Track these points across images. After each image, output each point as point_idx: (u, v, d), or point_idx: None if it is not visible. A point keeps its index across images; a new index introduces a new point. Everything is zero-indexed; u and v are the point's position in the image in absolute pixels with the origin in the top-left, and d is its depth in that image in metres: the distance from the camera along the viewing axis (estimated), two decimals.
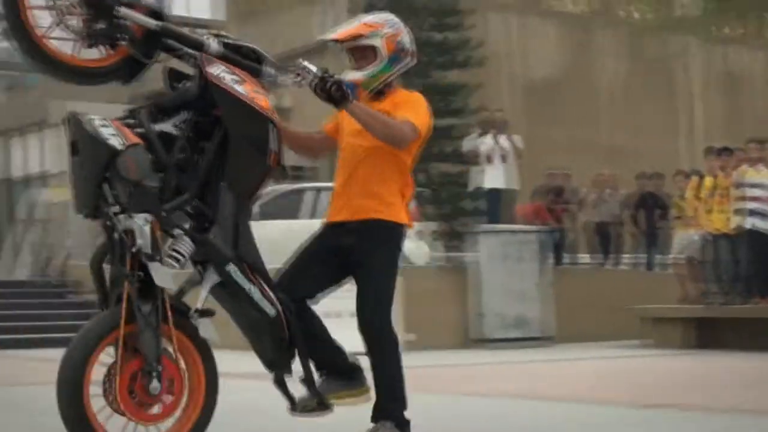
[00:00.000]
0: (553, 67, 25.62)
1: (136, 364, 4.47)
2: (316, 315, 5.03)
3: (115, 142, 4.41)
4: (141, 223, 4.40)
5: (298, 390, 4.91)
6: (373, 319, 4.90)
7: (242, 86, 4.64)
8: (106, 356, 4.44)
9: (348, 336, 5.11)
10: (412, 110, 4.87)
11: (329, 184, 6.64)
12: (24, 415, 7.16)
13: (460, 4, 18.93)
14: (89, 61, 4.71)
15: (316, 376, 4.94)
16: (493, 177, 15.95)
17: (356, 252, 4.91)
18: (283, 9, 25.69)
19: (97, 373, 4.42)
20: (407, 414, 4.95)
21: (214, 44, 4.77)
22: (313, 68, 4.68)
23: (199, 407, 4.70)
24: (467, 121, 17.75)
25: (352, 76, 4.89)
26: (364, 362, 5.01)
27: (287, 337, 4.74)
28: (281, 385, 4.87)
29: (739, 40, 30.33)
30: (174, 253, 4.57)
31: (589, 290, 15.61)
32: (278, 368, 4.85)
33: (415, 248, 14.61)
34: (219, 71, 4.64)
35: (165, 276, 4.44)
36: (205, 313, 4.63)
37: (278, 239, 11.15)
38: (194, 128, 4.73)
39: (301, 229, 11.48)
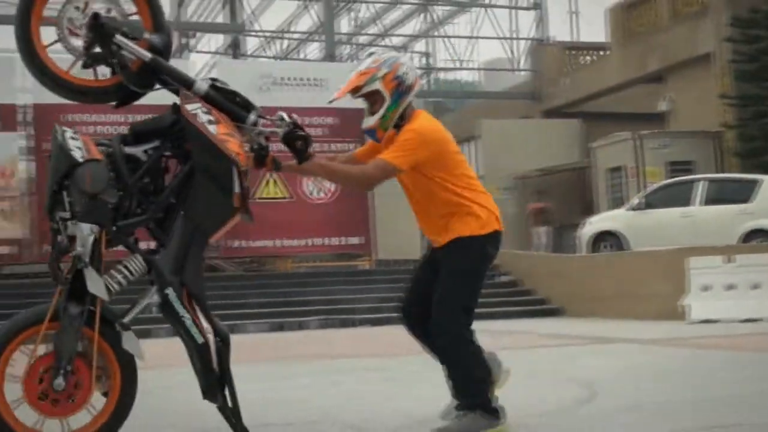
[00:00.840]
0: None
1: (51, 359, 4.72)
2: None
3: (77, 154, 4.74)
4: (86, 233, 4.70)
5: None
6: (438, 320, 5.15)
7: (215, 126, 4.87)
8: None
9: None
10: (393, 148, 5.01)
11: (718, 176, 6.95)
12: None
13: None
14: (84, 80, 5.10)
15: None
16: None
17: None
18: (662, 29, 27.37)
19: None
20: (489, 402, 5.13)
21: (202, 85, 5.04)
22: (287, 120, 4.98)
23: (107, 414, 4.87)
24: None
25: (367, 123, 5.14)
26: None
27: (215, 368, 4.87)
28: (222, 412, 4.96)
29: None
30: (123, 269, 4.85)
31: None
32: (208, 395, 4.93)
33: None
34: (195, 109, 4.90)
35: (98, 284, 4.69)
36: (127, 326, 4.82)
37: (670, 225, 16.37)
38: (164, 158, 5.02)
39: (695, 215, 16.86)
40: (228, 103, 5.07)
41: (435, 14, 35.35)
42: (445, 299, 5.08)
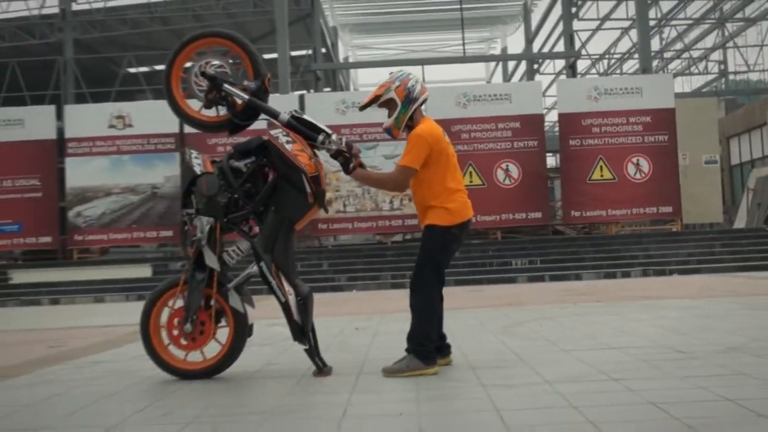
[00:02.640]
0: None
1: (182, 311, 5.23)
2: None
3: (197, 168, 5.18)
4: (204, 223, 5.12)
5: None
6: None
7: (291, 145, 5.05)
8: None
9: None
10: (404, 154, 5.06)
11: None
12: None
13: None
14: (207, 117, 5.47)
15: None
16: None
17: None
18: None
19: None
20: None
21: (284, 115, 5.20)
22: (335, 141, 5.14)
23: (228, 342, 5.22)
24: None
25: (386, 124, 5.18)
26: None
27: (296, 319, 5.05)
28: (309, 353, 5.16)
29: None
30: (236, 248, 5.28)
31: None
32: (295, 339, 5.13)
33: None
34: (277, 133, 5.10)
35: (212, 259, 5.13)
36: (237, 289, 5.20)
37: None
38: (262, 168, 5.21)
39: None
40: (302, 127, 5.19)
41: (728, 29, 32.92)
42: (417, 267, 5.09)
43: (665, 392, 4.06)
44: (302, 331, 5.09)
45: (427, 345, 5.03)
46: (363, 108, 5.28)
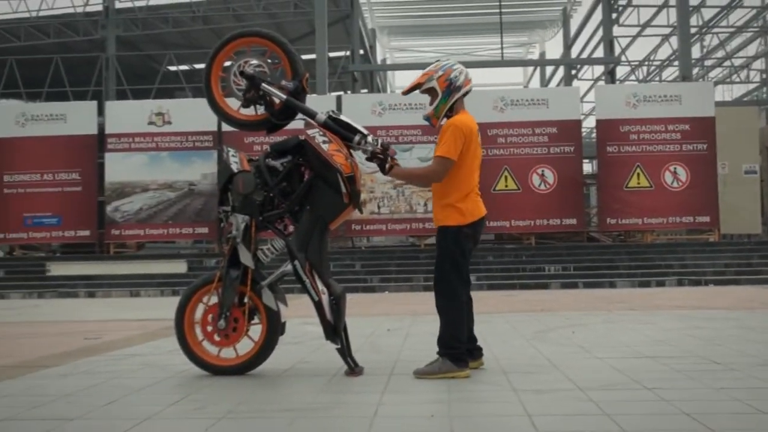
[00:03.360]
0: None
1: (216, 307, 5.25)
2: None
3: (234, 167, 5.19)
4: (239, 221, 5.13)
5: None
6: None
7: (327, 145, 5.04)
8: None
9: None
10: (440, 144, 5.01)
11: None
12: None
13: None
14: (245, 116, 5.48)
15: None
16: None
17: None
18: None
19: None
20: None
21: (321, 116, 5.19)
22: (371, 142, 5.09)
23: (261, 339, 5.23)
24: None
25: (426, 111, 5.19)
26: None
27: (328, 319, 5.05)
28: (340, 352, 5.16)
29: None
30: (271, 246, 5.28)
31: None
32: (327, 338, 5.12)
33: None
34: (314, 133, 5.10)
35: (247, 257, 5.14)
36: (271, 287, 5.20)
37: None
38: (298, 167, 5.22)
39: None
40: (338, 128, 5.16)
41: None
42: (437, 269, 5.10)
43: (700, 403, 4.00)
44: (334, 330, 5.09)
45: (457, 346, 5.00)
46: (406, 93, 5.42)
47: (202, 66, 6.48)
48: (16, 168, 20.89)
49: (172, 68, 29.17)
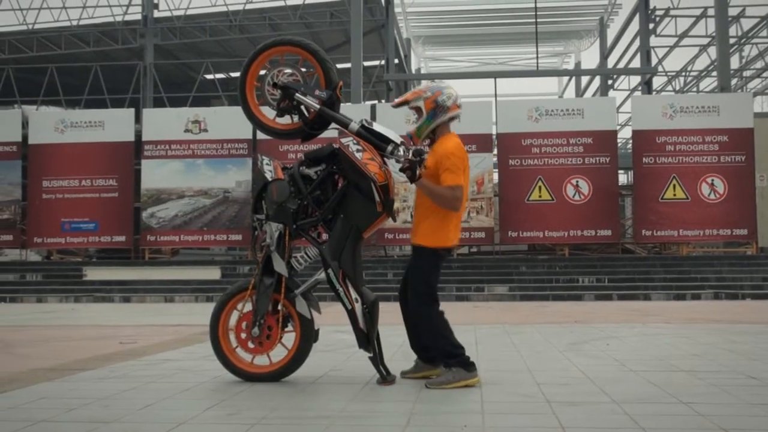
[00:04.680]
0: None
1: (250, 315, 5.25)
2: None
3: (268, 175, 5.18)
4: (273, 229, 5.13)
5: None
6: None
7: (361, 154, 5.01)
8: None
9: None
10: (448, 172, 4.98)
11: None
12: None
13: None
14: (281, 125, 5.50)
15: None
16: None
17: None
18: None
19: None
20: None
21: (354, 125, 5.18)
22: (402, 153, 4.98)
23: (294, 347, 5.26)
24: None
25: (409, 128, 5.28)
26: None
27: (361, 327, 5.05)
28: (373, 361, 5.14)
29: None
30: (305, 254, 5.26)
31: None
32: (360, 346, 5.10)
33: None
34: (348, 141, 5.08)
35: (280, 265, 5.13)
36: (304, 295, 5.21)
37: None
38: (332, 175, 5.22)
39: None
40: (371, 137, 5.13)
41: None
42: (411, 288, 5.16)
43: (736, 419, 3.95)
44: (367, 338, 5.10)
45: (460, 351, 5.08)
46: (395, 106, 5.44)
47: (237, 74, 6.54)
48: (55, 174, 21.26)
49: (209, 76, 29.51)
